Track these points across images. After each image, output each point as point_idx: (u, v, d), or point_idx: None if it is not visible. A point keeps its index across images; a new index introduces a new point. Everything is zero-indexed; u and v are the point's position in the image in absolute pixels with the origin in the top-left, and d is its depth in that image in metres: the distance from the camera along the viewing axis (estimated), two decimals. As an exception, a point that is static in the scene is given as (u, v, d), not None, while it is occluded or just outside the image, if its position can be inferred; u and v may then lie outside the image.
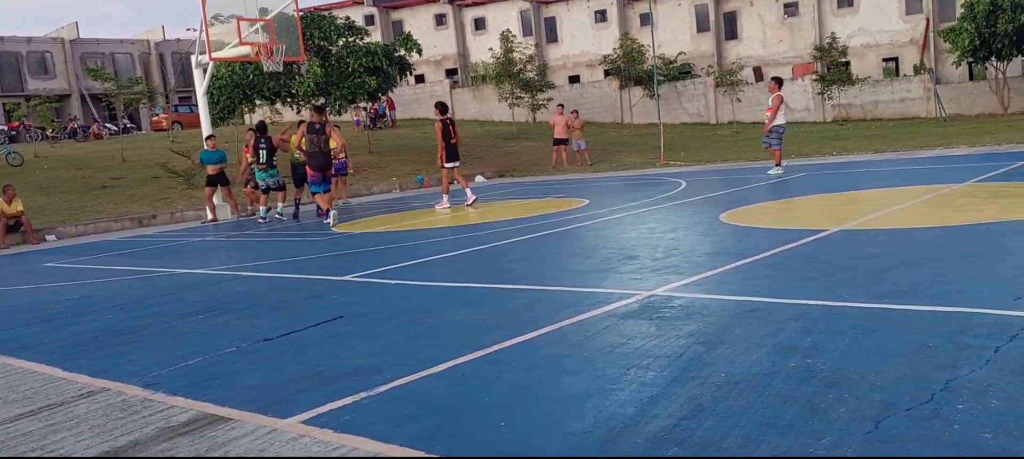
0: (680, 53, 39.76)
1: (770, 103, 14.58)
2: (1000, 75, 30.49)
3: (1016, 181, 9.62)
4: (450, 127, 13.54)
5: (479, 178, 22.24)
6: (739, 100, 36.39)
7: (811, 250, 6.13)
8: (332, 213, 12.18)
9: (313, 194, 13.21)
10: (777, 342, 3.64)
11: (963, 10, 29.54)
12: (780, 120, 14.54)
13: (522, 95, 36.02)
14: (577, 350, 3.85)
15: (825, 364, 3.25)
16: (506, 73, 35.56)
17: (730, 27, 42.48)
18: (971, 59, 30.13)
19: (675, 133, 29.44)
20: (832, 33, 37.94)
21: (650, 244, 7.17)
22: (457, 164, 13.69)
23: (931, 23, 36.83)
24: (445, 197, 13.53)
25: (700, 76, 39.68)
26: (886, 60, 38.83)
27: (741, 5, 42.06)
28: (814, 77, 36.66)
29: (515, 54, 35.63)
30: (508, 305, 5.11)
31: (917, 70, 36.07)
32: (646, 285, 5.26)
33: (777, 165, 14.39)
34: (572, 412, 2.99)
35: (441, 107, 13.58)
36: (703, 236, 7.55)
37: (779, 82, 15.06)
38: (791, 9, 40.59)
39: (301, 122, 13.77)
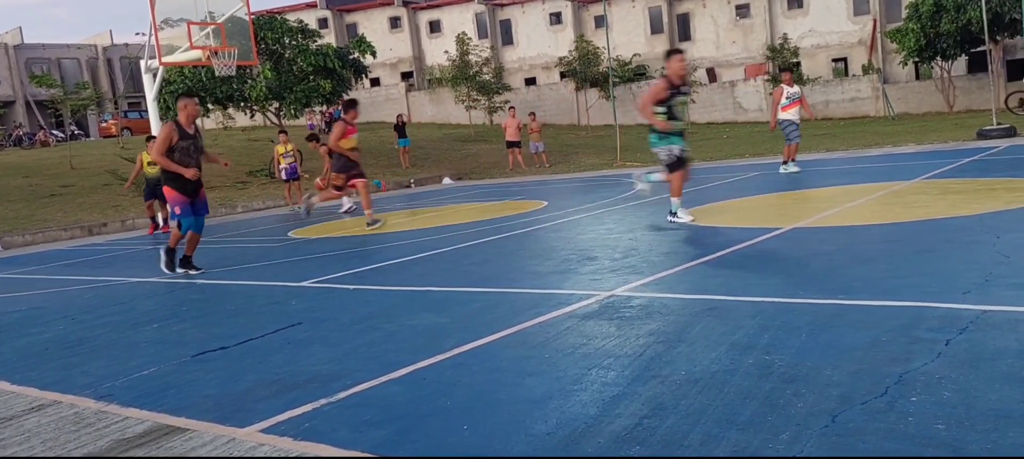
0: (635, 55, 40.15)
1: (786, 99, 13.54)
2: (945, 74, 31.38)
3: (963, 177, 9.89)
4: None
5: (446, 180, 22.19)
6: (693, 101, 36.80)
7: (767, 248, 6.22)
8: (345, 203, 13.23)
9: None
10: (735, 340, 3.68)
11: (908, 11, 30.33)
12: (787, 115, 13.53)
13: (479, 97, 36.05)
14: (539, 352, 3.85)
15: (783, 360, 3.30)
16: (462, 76, 35.57)
17: (684, 29, 43.02)
18: (917, 59, 30.96)
19: (632, 134, 29.70)
20: (784, 34, 38.71)
21: (609, 245, 7.21)
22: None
23: (878, 24, 37.74)
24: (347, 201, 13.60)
25: (655, 78, 40.06)
26: (836, 60, 39.68)
27: (694, 7, 42.63)
28: (766, 78, 37.30)
29: (471, 57, 35.64)
30: (469, 308, 5.09)
31: (866, 70, 36.92)
32: (606, 285, 5.29)
33: (786, 161, 13.60)
34: (534, 414, 2.99)
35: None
36: (661, 236, 7.62)
37: (789, 74, 14.51)
38: (743, 11, 41.26)
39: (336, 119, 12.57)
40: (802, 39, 39.04)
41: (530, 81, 44.96)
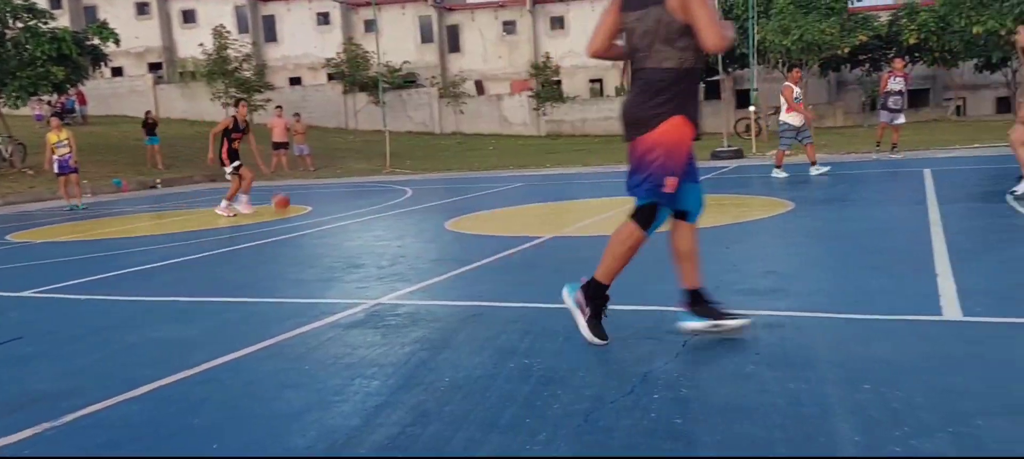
0: (405, 62, 40.29)
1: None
2: (684, 99, 34.68)
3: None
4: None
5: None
6: (462, 112, 37.68)
7: (529, 256, 6.47)
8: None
9: None
10: (499, 344, 3.77)
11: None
12: (788, 118, 12.71)
13: (238, 95, 34.21)
14: (298, 363, 3.69)
15: (541, 363, 3.42)
16: (219, 71, 33.55)
17: (453, 40, 43.88)
18: (662, 85, 33.93)
19: (401, 141, 29.74)
20: (546, 53, 40.73)
21: (376, 252, 7.12)
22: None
23: (628, 50, 40.90)
24: (224, 201, 11.60)
25: (425, 86, 40.50)
26: (593, 81, 42.48)
27: (463, 20, 43.63)
28: (530, 93, 39.04)
29: (230, 51, 33.74)
30: (221, 319, 4.77)
31: (618, 91, 39.89)
32: (371, 293, 5.20)
33: (778, 166, 12.63)
34: (292, 428, 2.85)
35: (234, 104, 12.13)
36: (429, 243, 7.66)
37: (902, 64, 14.02)
38: (510, 27, 42.90)
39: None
40: (563, 58, 41.34)
41: (295, 81, 43.47)
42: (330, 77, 41.68)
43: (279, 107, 24.55)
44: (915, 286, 4.49)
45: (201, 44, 35.91)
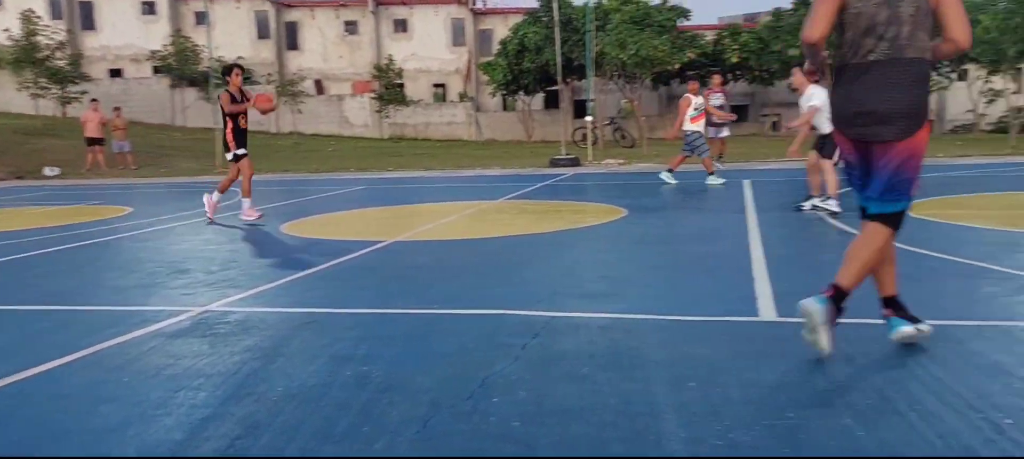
0: (239, 57, 38.60)
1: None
2: (526, 107, 35.47)
3: (538, 199, 11.20)
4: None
5: (47, 170, 18.89)
6: (300, 111, 36.57)
7: (368, 261, 6.36)
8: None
9: None
10: (334, 352, 3.67)
11: (498, 47, 33.73)
12: (692, 127, 12.53)
13: (49, 86, 31.46)
14: (116, 375, 3.42)
15: (379, 370, 3.36)
16: (28, 59, 30.70)
17: (291, 37, 42.53)
18: (504, 91, 34.54)
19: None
20: (389, 55, 40.32)
21: (205, 256, 6.76)
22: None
23: (473, 56, 41.32)
24: (246, 201, 9.36)
25: (261, 83, 38.99)
26: (436, 85, 42.52)
27: (302, 17, 42.40)
28: (373, 95, 38.52)
29: (40, 38, 30.96)
30: (31, 329, 4.36)
31: (462, 97, 40.16)
32: (199, 300, 4.92)
33: (710, 173, 12.49)
34: (110, 443, 2.64)
35: (226, 71, 9.48)
36: (262, 247, 7.36)
37: (720, 81, 14.20)
38: (351, 27, 42.14)
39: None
40: (406, 62, 41.10)
41: (116, 73, 40.55)
42: (156, 70, 39.22)
43: (95, 100, 22.79)
44: (735, 289, 4.80)
45: (7, 29, 32.73)
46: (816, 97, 8.11)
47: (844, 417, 2.68)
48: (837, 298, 3.24)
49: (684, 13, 29.97)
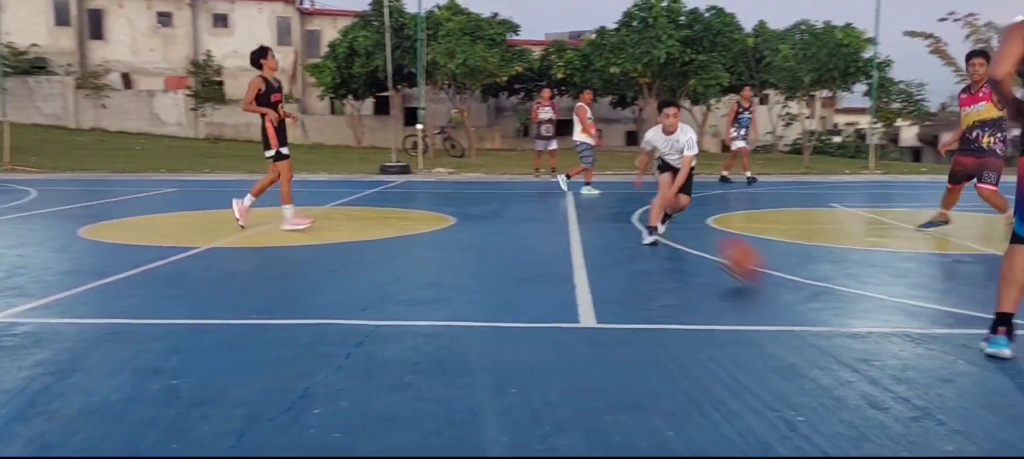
0: (33, 45, 35.30)
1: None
2: (356, 112, 34.83)
3: (366, 206, 11.03)
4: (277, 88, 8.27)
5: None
6: (105, 106, 33.96)
7: (182, 268, 5.98)
8: None
9: None
10: (140, 365, 3.41)
11: (327, 49, 32.89)
12: (584, 138, 13.02)
13: None
14: None
15: (191, 383, 3.17)
16: None
17: (95, 26, 39.30)
18: (333, 95, 33.72)
19: (26, 135, 25.83)
20: (208, 51, 38.24)
21: (-12, 260, 6.09)
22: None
23: (299, 57, 40.07)
24: (289, 208, 8.25)
25: (59, 74, 35.82)
26: (258, 85, 40.74)
27: (108, 4, 39.32)
28: (188, 92, 36.41)
29: None
30: None
31: (287, 99, 38.79)
32: (-20, 309, 4.43)
33: (587, 183, 12.91)
34: None
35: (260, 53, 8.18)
36: (58, 253, 6.74)
37: (549, 95, 14.60)
38: (165, 19, 39.58)
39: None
40: (227, 58, 39.13)
41: None
42: (-66, 53, 35.01)
43: None
44: (557, 296, 4.95)
45: None
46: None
47: (655, 419, 2.83)
48: (1010, 330, 3.60)
49: (513, 28, 30.65)
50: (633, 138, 39.10)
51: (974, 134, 7.23)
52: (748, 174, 15.20)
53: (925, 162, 33.39)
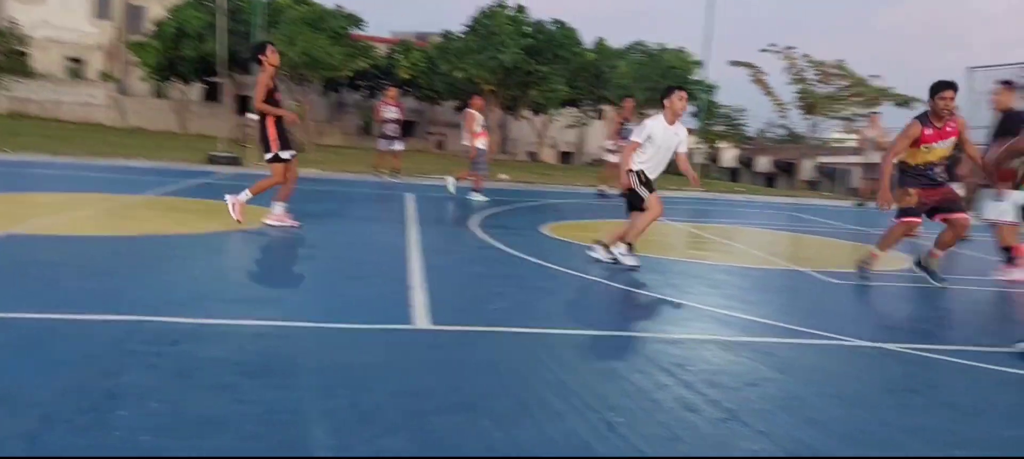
0: None
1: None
2: (183, 97, 32.88)
3: (188, 197, 10.41)
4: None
5: None
6: None
7: (-30, 253, 5.38)
8: None
9: None
10: (-86, 361, 3.03)
11: (153, 28, 30.85)
12: (477, 143, 12.70)
13: None
14: None
15: (-25, 382, 2.85)
16: None
17: None
18: (158, 77, 31.66)
19: None
20: (11, 18, 34.81)
21: None
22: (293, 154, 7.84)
23: (121, 33, 37.32)
24: (278, 206, 7.76)
25: None
26: (72, 60, 37.63)
27: (-102, -43, 35.00)
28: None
29: None
30: None
31: (104, 77, 36.00)
32: None
33: (476, 190, 12.43)
34: None
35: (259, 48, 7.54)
36: None
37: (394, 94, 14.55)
38: (-36, -20, 35.71)
39: None
40: (35, 29, 35.82)
41: None
42: None
43: None
44: (391, 297, 4.88)
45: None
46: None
47: (484, 420, 2.85)
48: None
49: (357, 22, 30.11)
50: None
51: (936, 169, 6.61)
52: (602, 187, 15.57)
53: (741, 182, 35.97)
